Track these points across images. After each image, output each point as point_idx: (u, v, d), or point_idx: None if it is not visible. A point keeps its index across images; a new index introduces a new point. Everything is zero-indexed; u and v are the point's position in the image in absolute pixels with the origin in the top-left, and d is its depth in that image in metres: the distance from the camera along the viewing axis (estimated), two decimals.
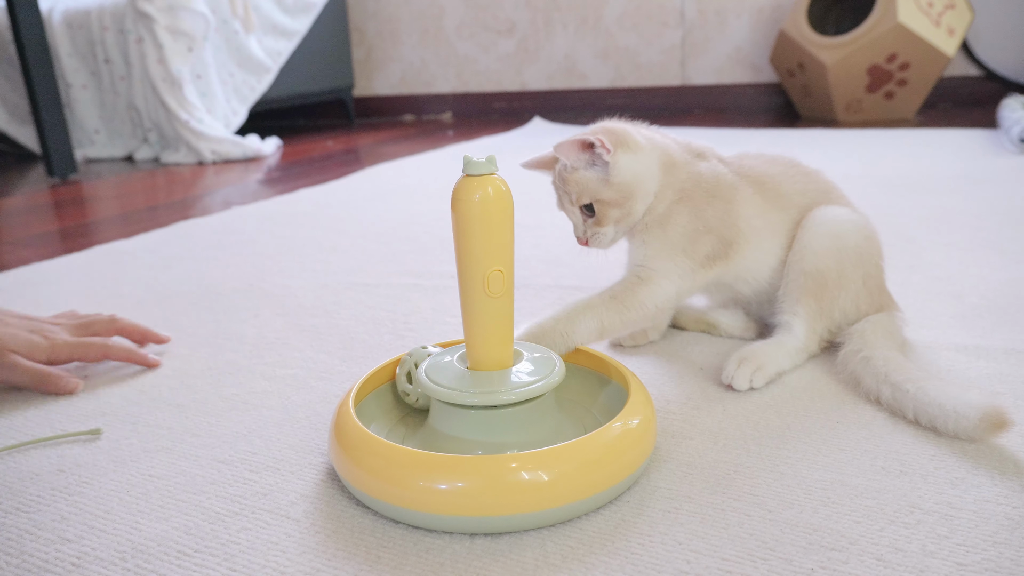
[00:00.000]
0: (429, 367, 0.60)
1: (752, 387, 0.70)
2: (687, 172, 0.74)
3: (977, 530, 0.49)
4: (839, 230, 0.75)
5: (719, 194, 0.74)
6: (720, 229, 0.74)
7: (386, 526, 0.52)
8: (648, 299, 0.73)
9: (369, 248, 1.25)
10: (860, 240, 0.76)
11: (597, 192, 0.71)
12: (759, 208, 0.76)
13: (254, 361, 0.81)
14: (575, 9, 3.12)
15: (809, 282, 0.74)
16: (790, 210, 0.78)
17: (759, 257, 0.77)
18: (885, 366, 0.66)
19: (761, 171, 0.78)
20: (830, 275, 0.74)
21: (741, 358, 0.71)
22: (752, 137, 2.22)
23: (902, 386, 0.64)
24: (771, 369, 0.71)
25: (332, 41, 3.10)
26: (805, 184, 0.80)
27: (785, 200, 0.78)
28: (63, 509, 0.56)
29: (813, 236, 0.75)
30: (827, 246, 0.74)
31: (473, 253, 0.55)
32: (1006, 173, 1.56)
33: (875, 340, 0.71)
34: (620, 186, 0.71)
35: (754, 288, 0.79)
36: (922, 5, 2.33)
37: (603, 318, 0.71)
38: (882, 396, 0.65)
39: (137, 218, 1.59)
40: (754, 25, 2.91)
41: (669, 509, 0.53)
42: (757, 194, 0.76)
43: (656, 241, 0.73)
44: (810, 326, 0.74)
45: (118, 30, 2.47)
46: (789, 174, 0.80)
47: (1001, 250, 1.07)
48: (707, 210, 0.73)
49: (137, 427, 0.68)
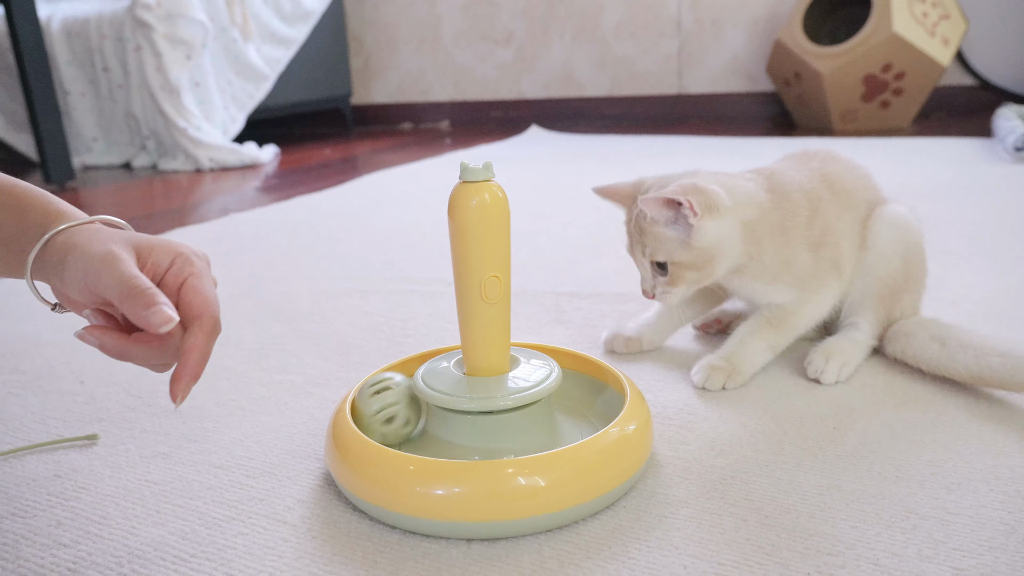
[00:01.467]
0: (426, 373, 0.60)
1: (838, 381, 0.71)
2: (781, 211, 0.71)
3: (973, 535, 0.49)
4: (906, 234, 0.76)
5: (814, 211, 0.73)
6: (827, 237, 0.73)
7: (383, 531, 0.52)
8: (801, 323, 0.74)
9: (367, 255, 1.25)
10: (920, 241, 0.78)
11: (674, 253, 0.68)
12: (837, 210, 0.76)
13: (251, 367, 0.81)
14: (572, 18, 3.13)
15: (883, 289, 0.76)
16: (858, 208, 0.77)
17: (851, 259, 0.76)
18: (986, 341, 0.68)
19: (827, 172, 0.77)
20: (899, 279, 0.76)
21: (827, 354, 0.72)
22: (748, 146, 2.23)
23: (1014, 351, 0.65)
24: (854, 363, 0.73)
25: (330, 49, 3.11)
26: (861, 179, 0.80)
27: (852, 198, 0.77)
28: (59, 514, 0.56)
29: (886, 241, 0.76)
30: (899, 251, 0.76)
31: (470, 259, 0.55)
32: (1001, 181, 1.57)
33: (947, 325, 0.73)
34: (702, 251, 0.68)
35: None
36: (917, 15, 2.35)
37: (768, 339, 0.73)
38: (990, 366, 0.65)
39: (134, 225, 1.59)
40: (750, 35, 2.92)
41: (666, 514, 0.53)
42: (831, 199, 0.76)
43: (790, 287, 0.73)
44: (876, 324, 0.76)
45: (116, 38, 2.48)
46: (850, 170, 0.80)
47: (996, 258, 1.07)
48: (812, 232, 0.73)
49: (134, 432, 0.68)
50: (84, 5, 2.70)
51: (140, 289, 0.47)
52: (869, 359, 0.76)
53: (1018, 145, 1.78)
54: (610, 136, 2.62)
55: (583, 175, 1.88)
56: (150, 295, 0.47)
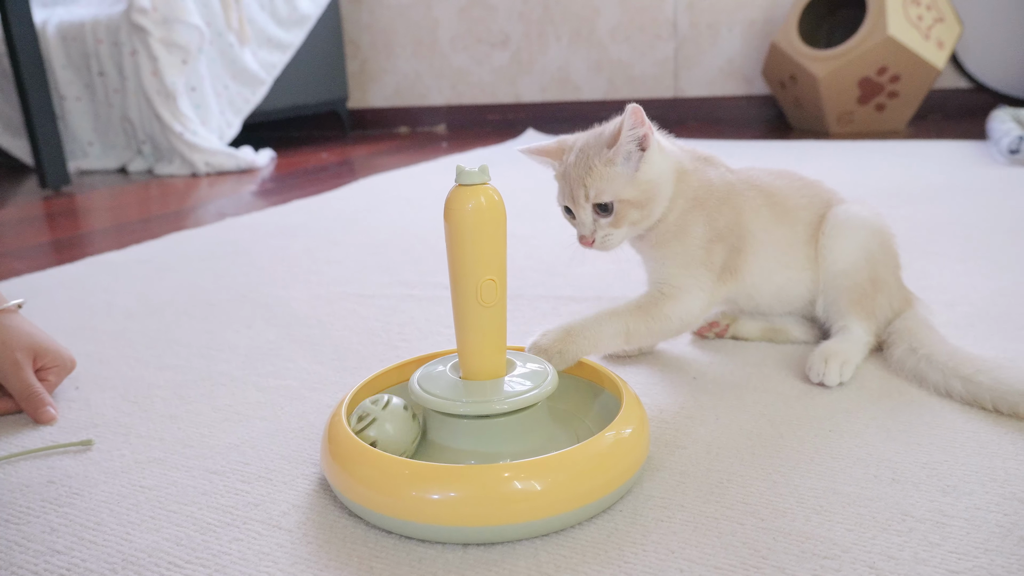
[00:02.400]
0: (422, 377, 0.60)
1: (842, 381, 0.71)
2: (698, 179, 0.74)
3: (969, 537, 0.49)
4: (862, 238, 0.77)
5: (729, 201, 0.75)
6: (730, 237, 0.74)
7: (379, 536, 0.52)
8: (673, 313, 0.73)
9: (363, 259, 1.25)
10: (882, 240, 0.78)
11: (621, 191, 0.69)
12: (766, 222, 0.77)
13: (247, 372, 0.81)
14: (569, 22, 3.14)
15: (851, 294, 0.76)
16: (795, 226, 0.78)
17: (764, 274, 0.77)
18: (951, 360, 0.69)
19: (768, 183, 0.79)
20: (867, 285, 0.76)
21: (826, 356, 0.73)
22: (745, 148, 2.23)
23: (974, 378, 0.66)
24: (854, 362, 0.73)
25: (327, 53, 3.11)
26: (809, 198, 0.80)
27: (791, 216, 0.78)
28: (53, 521, 0.56)
29: (840, 252, 0.76)
30: (857, 259, 0.76)
31: (466, 262, 0.55)
32: (996, 184, 1.57)
33: (927, 336, 0.73)
34: (646, 185, 0.70)
35: (760, 305, 0.80)
36: (912, 18, 2.35)
37: (629, 323, 0.71)
38: (953, 390, 0.67)
39: (130, 229, 1.59)
40: (746, 38, 2.93)
41: (662, 518, 0.52)
42: (765, 207, 0.77)
43: (676, 256, 0.74)
44: (865, 326, 0.76)
45: (112, 43, 2.47)
46: (794, 187, 0.80)
47: (991, 260, 1.07)
48: (719, 218, 0.74)
49: (129, 438, 0.68)
50: (80, 9, 2.69)
51: (35, 395, 0.72)
52: (864, 361, 0.76)
53: (1012, 148, 1.79)
54: None
55: None
56: (40, 400, 0.72)
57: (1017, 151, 1.77)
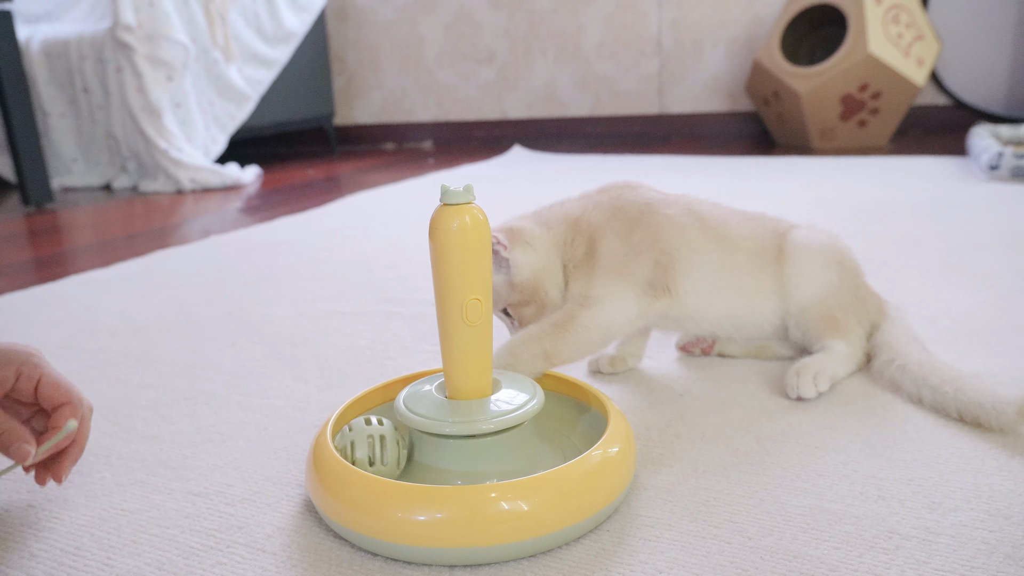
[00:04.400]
0: (407, 396, 0.59)
1: (820, 391, 0.72)
2: (597, 212, 0.76)
3: (955, 555, 0.49)
4: (819, 269, 0.77)
5: (643, 220, 0.75)
6: (650, 253, 0.74)
7: (364, 559, 0.51)
8: (591, 322, 0.71)
9: (349, 276, 1.24)
10: (840, 263, 0.79)
11: (507, 298, 0.74)
12: (695, 242, 0.76)
13: (231, 391, 0.81)
14: (554, 38, 3.16)
15: (822, 323, 0.77)
16: (735, 253, 0.77)
17: (702, 295, 0.76)
18: (921, 371, 0.71)
19: (701, 208, 0.79)
20: (836, 312, 0.77)
21: (798, 370, 0.74)
22: (729, 164, 2.25)
23: (940, 388, 0.68)
24: (828, 373, 0.74)
25: (313, 70, 3.12)
26: (752, 228, 0.79)
27: (728, 242, 0.77)
28: (32, 546, 0.55)
29: (801, 286, 0.77)
30: (817, 290, 0.77)
31: (451, 282, 0.55)
32: (976, 199, 1.59)
33: (904, 347, 0.75)
34: (525, 284, 0.73)
35: (713, 330, 0.79)
36: (892, 36, 2.39)
37: (546, 344, 0.69)
38: (923, 399, 0.70)
39: (114, 247, 1.58)
40: (730, 55, 2.96)
41: (649, 537, 0.52)
42: (693, 227, 0.76)
43: (589, 273, 0.74)
44: (845, 341, 0.77)
45: (97, 59, 2.47)
46: (733, 217, 0.80)
47: (972, 274, 1.09)
48: (632, 235, 0.74)
49: (110, 460, 0.67)
50: (64, 26, 2.69)
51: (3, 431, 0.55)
52: (848, 379, 0.77)
53: (992, 164, 1.81)
54: (592, 155, 2.64)
55: (566, 195, 1.89)
56: (10, 436, 0.55)
57: (997, 167, 1.80)
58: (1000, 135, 2.18)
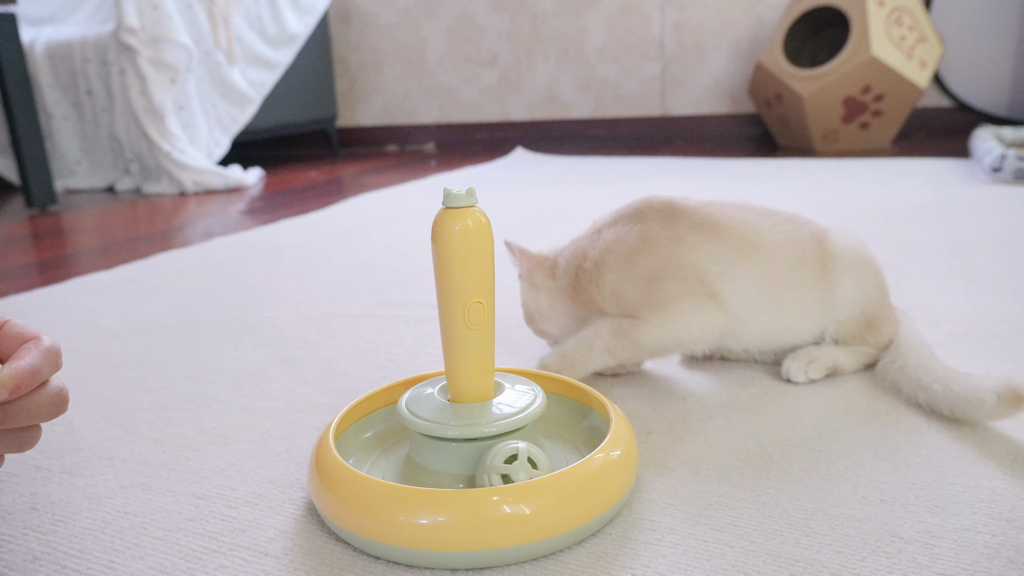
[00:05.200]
0: (410, 399, 0.60)
1: (810, 378, 0.75)
2: (591, 257, 0.76)
3: (957, 559, 0.49)
4: (865, 288, 0.77)
5: (645, 248, 0.73)
6: (674, 272, 0.72)
7: (366, 562, 0.51)
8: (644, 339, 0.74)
9: (351, 278, 1.25)
10: (876, 276, 0.79)
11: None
12: (721, 256, 0.73)
13: (233, 394, 0.81)
14: (556, 41, 3.17)
15: (856, 335, 0.78)
16: (772, 263, 0.74)
17: (747, 309, 0.74)
18: (916, 372, 0.71)
19: (720, 217, 0.76)
20: (863, 328, 0.78)
21: (794, 355, 0.76)
22: (732, 166, 2.25)
23: (931, 387, 0.68)
24: (827, 362, 0.75)
25: (315, 72, 3.12)
26: (788, 233, 0.77)
27: (762, 252, 0.74)
28: (36, 549, 0.55)
29: (843, 303, 0.76)
30: (857, 309, 0.77)
31: (453, 285, 0.55)
32: (979, 202, 1.59)
33: (908, 350, 0.75)
34: (524, 306, 0.83)
35: (750, 349, 0.78)
36: (895, 38, 2.39)
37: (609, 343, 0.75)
38: (920, 400, 0.70)
39: (117, 249, 1.58)
40: (732, 57, 2.96)
41: (651, 541, 0.52)
42: (711, 240, 0.74)
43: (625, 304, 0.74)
44: (874, 346, 0.78)
45: (100, 62, 2.47)
46: (764, 222, 0.77)
47: (976, 278, 1.08)
48: (637, 263, 0.73)
49: (113, 462, 0.67)
50: (68, 29, 2.70)
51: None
52: (852, 381, 0.77)
53: (995, 166, 1.81)
54: (595, 157, 2.64)
55: (568, 197, 1.89)
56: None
57: (999, 169, 1.80)
58: (1003, 137, 2.18)
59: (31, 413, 0.48)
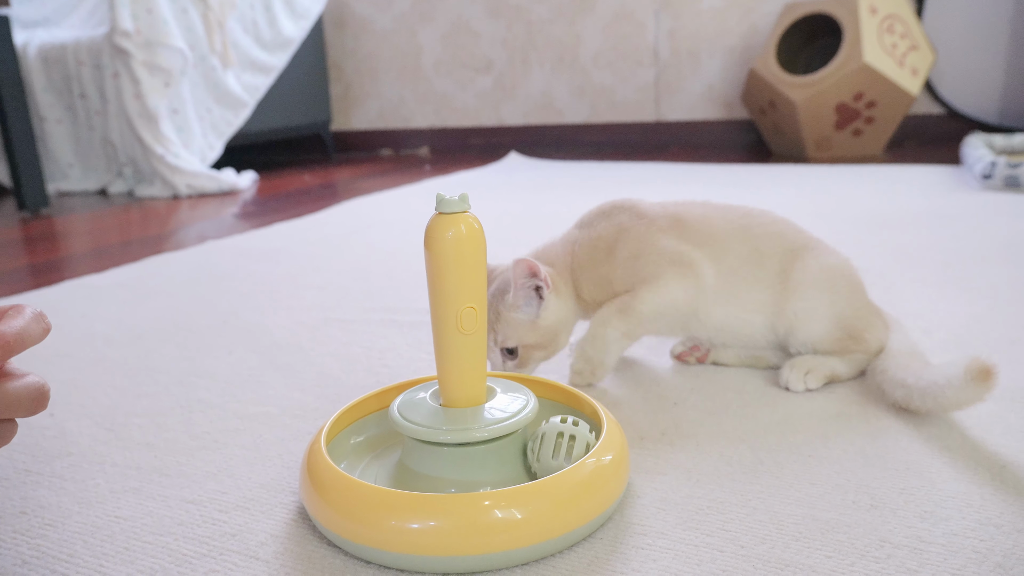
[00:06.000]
0: (402, 404, 0.60)
1: (808, 388, 0.75)
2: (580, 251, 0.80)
3: (946, 564, 0.49)
4: (828, 304, 0.77)
5: (621, 238, 0.79)
6: (650, 254, 0.78)
7: (358, 567, 0.51)
8: (644, 306, 0.77)
9: (345, 283, 1.24)
10: (850, 291, 0.79)
11: (524, 336, 0.76)
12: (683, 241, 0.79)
13: (226, 399, 0.81)
14: (551, 48, 3.18)
15: (838, 349, 0.78)
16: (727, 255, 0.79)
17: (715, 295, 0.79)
18: (895, 372, 0.72)
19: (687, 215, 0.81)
20: (846, 340, 0.78)
21: (793, 364, 0.77)
22: (725, 173, 2.26)
23: (905, 381, 0.69)
24: (825, 371, 0.76)
25: (310, 76, 3.13)
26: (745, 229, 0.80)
27: (718, 245, 0.79)
28: (25, 553, 0.54)
29: (810, 323, 0.77)
30: (829, 326, 0.77)
31: (446, 290, 0.55)
32: (971, 209, 1.60)
33: (895, 354, 0.76)
34: (546, 330, 0.76)
35: (711, 335, 0.82)
36: (887, 46, 2.40)
37: (622, 328, 0.77)
38: (898, 398, 0.70)
39: (110, 253, 1.58)
40: (726, 64, 2.97)
41: (642, 546, 0.52)
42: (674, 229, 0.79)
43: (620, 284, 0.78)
44: (848, 353, 0.78)
45: (94, 65, 2.47)
46: (725, 217, 0.81)
47: (967, 286, 1.09)
48: (621, 251, 0.78)
49: (104, 467, 0.67)
50: (61, 32, 2.69)
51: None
52: (843, 388, 0.77)
53: (986, 173, 1.82)
54: (589, 163, 2.64)
55: (562, 202, 1.90)
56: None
57: (990, 176, 1.81)
58: (994, 145, 2.19)
59: (8, 405, 0.47)
